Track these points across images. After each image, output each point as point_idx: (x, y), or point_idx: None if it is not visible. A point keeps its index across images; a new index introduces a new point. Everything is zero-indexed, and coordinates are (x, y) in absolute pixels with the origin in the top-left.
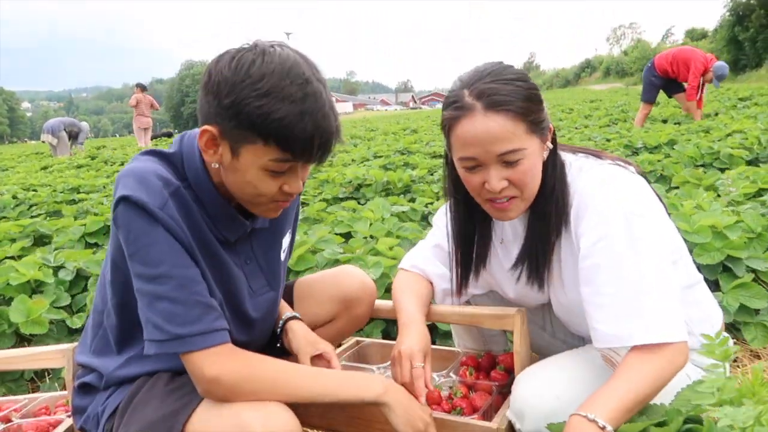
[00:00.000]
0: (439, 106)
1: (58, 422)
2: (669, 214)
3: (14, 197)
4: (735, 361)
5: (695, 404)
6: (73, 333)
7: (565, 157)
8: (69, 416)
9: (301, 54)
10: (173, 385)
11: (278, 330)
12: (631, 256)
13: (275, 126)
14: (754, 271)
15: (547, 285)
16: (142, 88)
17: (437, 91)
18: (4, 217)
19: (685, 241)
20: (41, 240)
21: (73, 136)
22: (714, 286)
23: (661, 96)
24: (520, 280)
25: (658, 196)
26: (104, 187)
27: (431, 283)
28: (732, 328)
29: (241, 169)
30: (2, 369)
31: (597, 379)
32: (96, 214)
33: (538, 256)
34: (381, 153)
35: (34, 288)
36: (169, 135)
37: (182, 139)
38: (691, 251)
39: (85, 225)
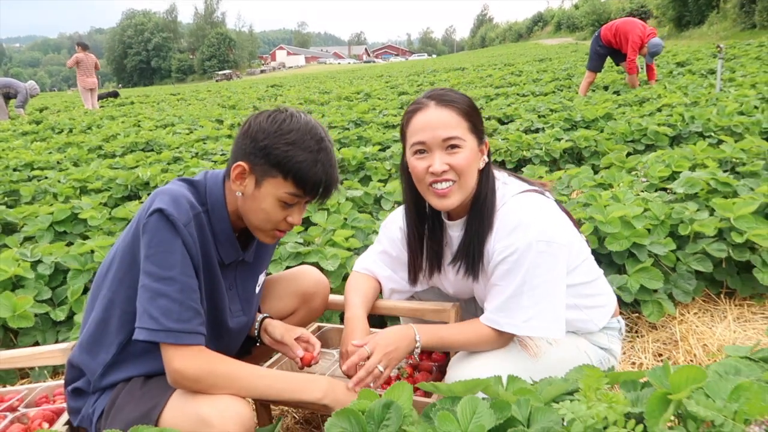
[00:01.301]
0: (393, 59)
1: (61, 410)
2: (575, 222)
3: None
4: (636, 331)
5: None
6: (57, 324)
7: (497, 173)
8: None
9: (316, 121)
10: (146, 388)
11: (255, 331)
12: (528, 271)
13: (295, 167)
14: (655, 255)
15: (480, 277)
16: (84, 47)
17: (390, 43)
18: None
19: (599, 230)
20: (8, 228)
21: (12, 96)
22: (621, 269)
23: (608, 61)
24: (458, 273)
25: (565, 211)
26: (58, 163)
27: (380, 283)
28: (635, 304)
29: (259, 198)
30: (7, 367)
31: (511, 359)
32: (55, 195)
33: (474, 251)
34: (335, 123)
35: (15, 283)
36: (116, 95)
37: (206, 174)
38: (604, 238)
39: (52, 214)
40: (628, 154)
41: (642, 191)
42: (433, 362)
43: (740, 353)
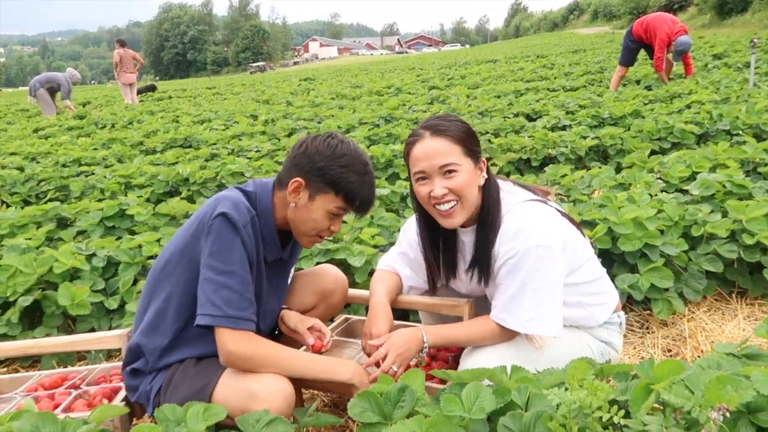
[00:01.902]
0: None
1: (118, 389)
2: (579, 227)
3: (21, 170)
4: (647, 328)
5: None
6: (109, 313)
7: (502, 184)
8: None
9: (360, 147)
10: (199, 367)
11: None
12: (528, 273)
13: (347, 187)
14: (667, 255)
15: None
16: (122, 43)
17: (423, 33)
18: (16, 193)
19: (613, 231)
20: (62, 222)
21: (56, 90)
22: (633, 268)
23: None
24: (472, 280)
25: (567, 216)
26: (104, 159)
27: (401, 279)
28: (646, 301)
29: (311, 209)
30: (70, 350)
31: (517, 351)
32: (102, 190)
33: (484, 261)
34: (365, 119)
35: (72, 274)
36: (153, 89)
37: (254, 184)
38: (618, 239)
39: (102, 210)
40: (653, 153)
41: (660, 192)
42: (449, 353)
43: (727, 350)
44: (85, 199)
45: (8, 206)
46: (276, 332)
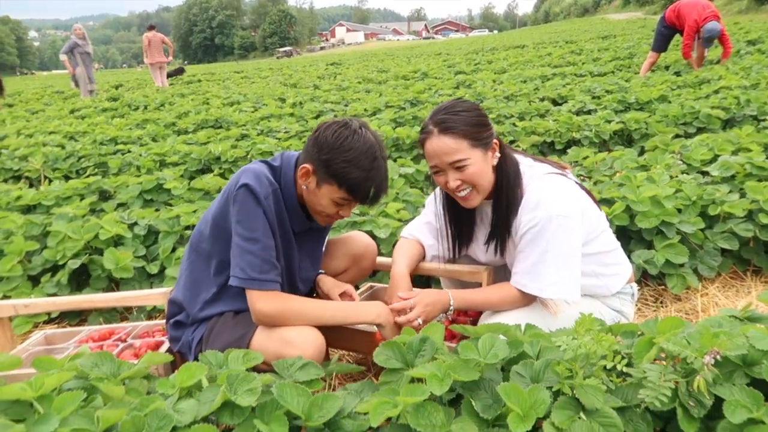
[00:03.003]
0: (453, 35)
1: (160, 343)
2: (596, 200)
3: (62, 147)
4: (661, 302)
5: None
6: (150, 277)
7: (521, 158)
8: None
9: (376, 136)
10: (237, 319)
11: (318, 269)
12: (549, 241)
13: (349, 181)
14: (684, 233)
15: (507, 253)
16: (152, 27)
17: (450, 19)
18: (57, 168)
19: (631, 208)
20: (103, 195)
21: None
22: (650, 245)
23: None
24: (488, 252)
25: (585, 189)
26: (139, 138)
27: (423, 248)
28: (660, 276)
29: (318, 195)
30: (119, 305)
31: (533, 315)
32: (138, 167)
33: (500, 234)
34: (392, 103)
35: (116, 241)
36: (182, 71)
37: (281, 157)
38: (635, 216)
39: (141, 183)
40: (676, 137)
41: (681, 173)
42: (468, 317)
43: (731, 313)
44: (122, 175)
45: (50, 181)
46: (314, 295)
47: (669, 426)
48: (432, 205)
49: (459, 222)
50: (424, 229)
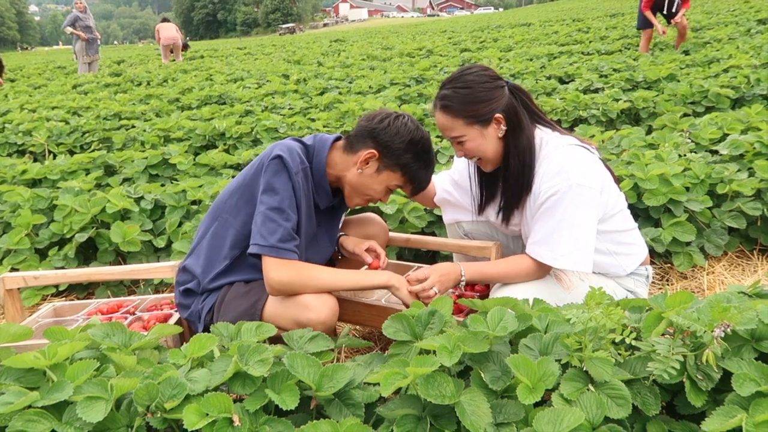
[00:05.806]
0: (458, 12)
1: (170, 315)
2: (617, 180)
3: (66, 122)
4: (667, 280)
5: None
6: (157, 251)
7: (544, 130)
8: (176, 311)
9: (427, 131)
10: (248, 287)
11: (335, 247)
12: (566, 210)
13: (413, 173)
14: (692, 211)
15: (519, 221)
16: (165, 19)
17: None
18: (62, 143)
19: (639, 186)
20: (108, 170)
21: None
22: (657, 223)
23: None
24: (498, 217)
25: (608, 168)
26: (143, 113)
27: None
28: (667, 254)
29: (375, 180)
30: (128, 278)
31: (545, 290)
32: (142, 143)
33: (508, 203)
34: (397, 80)
35: (123, 215)
36: (186, 47)
37: (315, 138)
38: (643, 194)
39: (146, 158)
40: (685, 116)
41: (690, 152)
42: (475, 292)
43: (739, 290)
44: (127, 150)
45: (55, 156)
46: (339, 258)
47: (677, 399)
48: (460, 162)
49: (481, 181)
50: (444, 178)
